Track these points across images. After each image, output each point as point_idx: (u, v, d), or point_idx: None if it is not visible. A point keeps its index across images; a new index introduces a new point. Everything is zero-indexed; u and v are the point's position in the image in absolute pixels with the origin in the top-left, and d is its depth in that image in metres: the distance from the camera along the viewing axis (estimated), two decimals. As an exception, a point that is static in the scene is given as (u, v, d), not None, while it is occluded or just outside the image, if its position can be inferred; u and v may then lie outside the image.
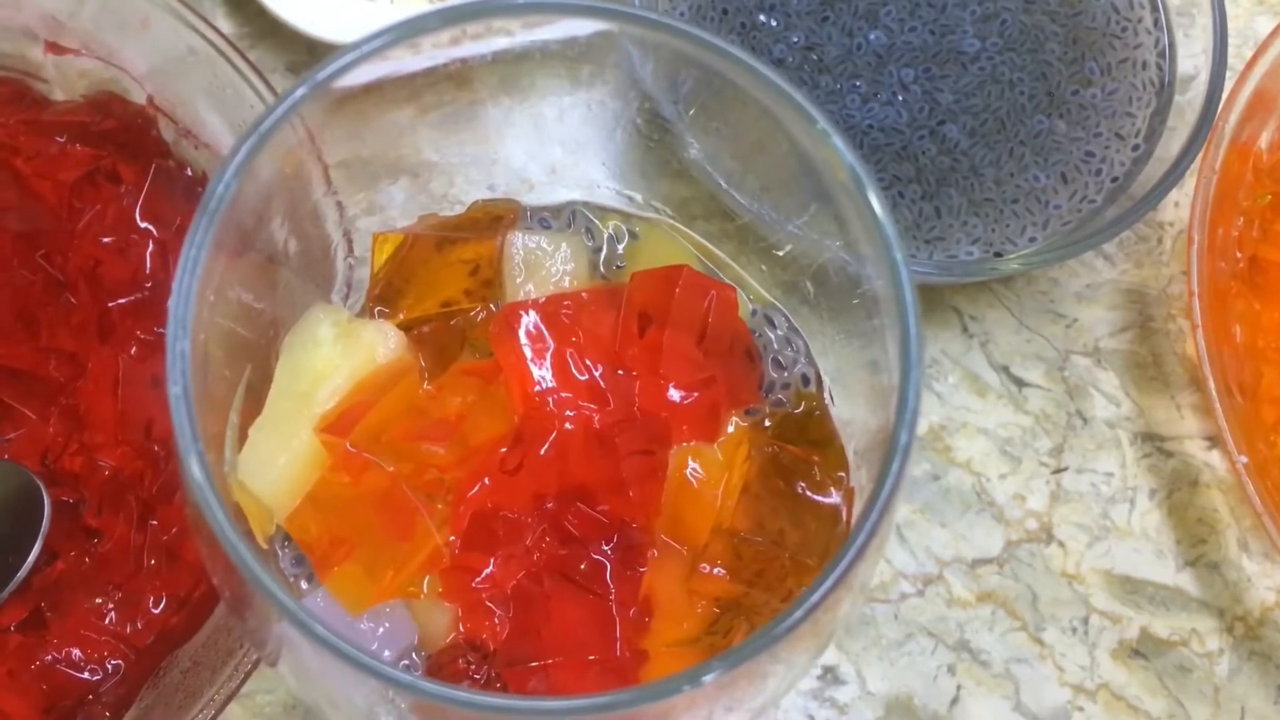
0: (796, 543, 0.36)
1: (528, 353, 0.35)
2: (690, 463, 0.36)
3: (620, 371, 0.36)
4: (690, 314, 0.36)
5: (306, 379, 0.35)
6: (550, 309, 0.36)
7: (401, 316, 0.37)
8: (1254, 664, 0.48)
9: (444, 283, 0.37)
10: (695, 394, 0.36)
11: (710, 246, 0.39)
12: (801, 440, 0.37)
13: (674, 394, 0.36)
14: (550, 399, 0.36)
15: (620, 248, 0.39)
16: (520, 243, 0.37)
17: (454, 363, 0.37)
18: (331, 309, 0.36)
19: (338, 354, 0.35)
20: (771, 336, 0.39)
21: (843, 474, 0.37)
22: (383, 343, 0.36)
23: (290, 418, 0.34)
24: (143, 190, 0.47)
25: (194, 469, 0.28)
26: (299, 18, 0.50)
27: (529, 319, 0.36)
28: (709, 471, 0.36)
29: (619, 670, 0.34)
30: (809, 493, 0.36)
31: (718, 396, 0.36)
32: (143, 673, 0.43)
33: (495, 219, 0.38)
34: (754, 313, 0.39)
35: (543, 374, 0.35)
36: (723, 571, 0.35)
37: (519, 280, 0.37)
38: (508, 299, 0.37)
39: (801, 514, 0.36)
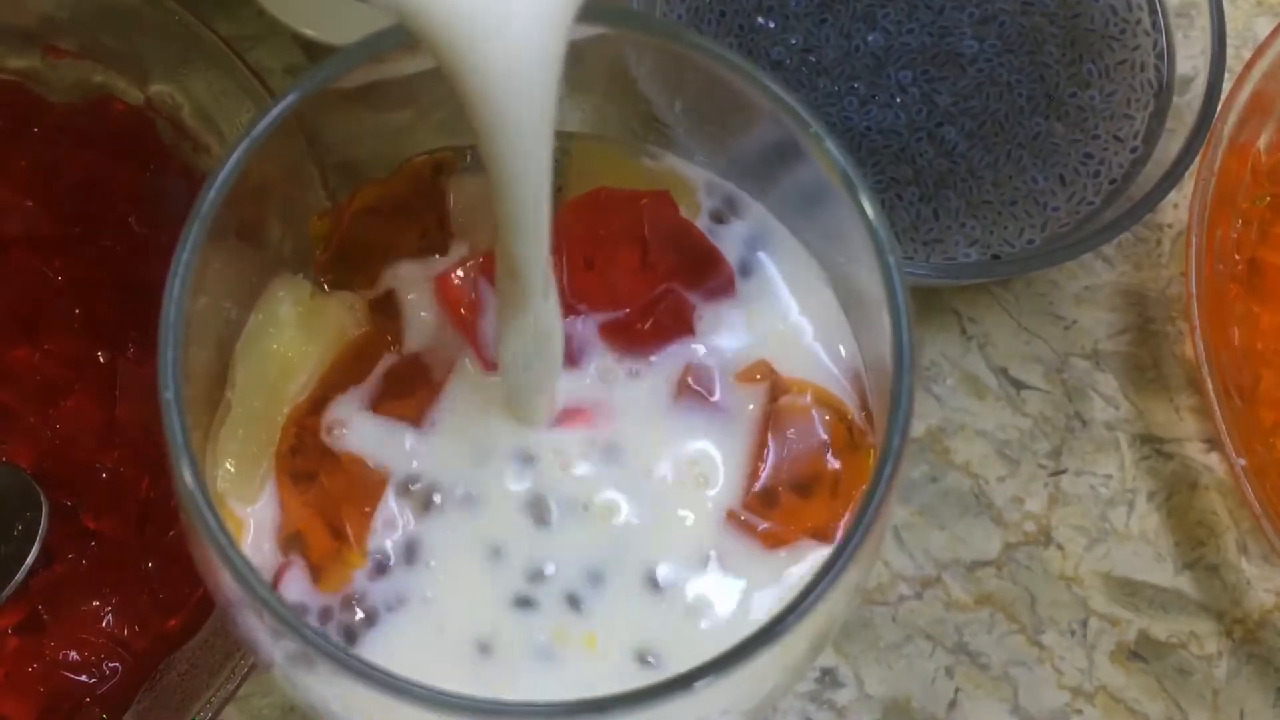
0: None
1: (475, 316, 0.34)
2: None
3: (582, 309, 0.35)
4: (625, 233, 0.35)
5: (274, 370, 0.34)
6: (490, 265, 0.34)
7: (360, 288, 0.36)
8: (1253, 667, 0.48)
9: (397, 243, 0.36)
10: (654, 316, 0.35)
11: (651, 147, 0.38)
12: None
13: (635, 322, 0.35)
14: None
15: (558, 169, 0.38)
16: (462, 187, 0.36)
17: None
18: (293, 284, 0.35)
19: (304, 338, 0.35)
20: (736, 224, 0.37)
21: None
22: (351, 317, 0.35)
23: (261, 417, 0.34)
24: (141, 193, 0.47)
25: (185, 474, 0.28)
26: (297, 20, 0.49)
27: (468, 280, 0.34)
28: None
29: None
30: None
31: (679, 302, 0.35)
32: (140, 675, 0.43)
33: (435, 169, 0.37)
34: (706, 210, 0.37)
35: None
36: None
37: (467, 224, 0.36)
38: (460, 247, 0.36)
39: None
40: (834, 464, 0.35)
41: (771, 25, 0.50)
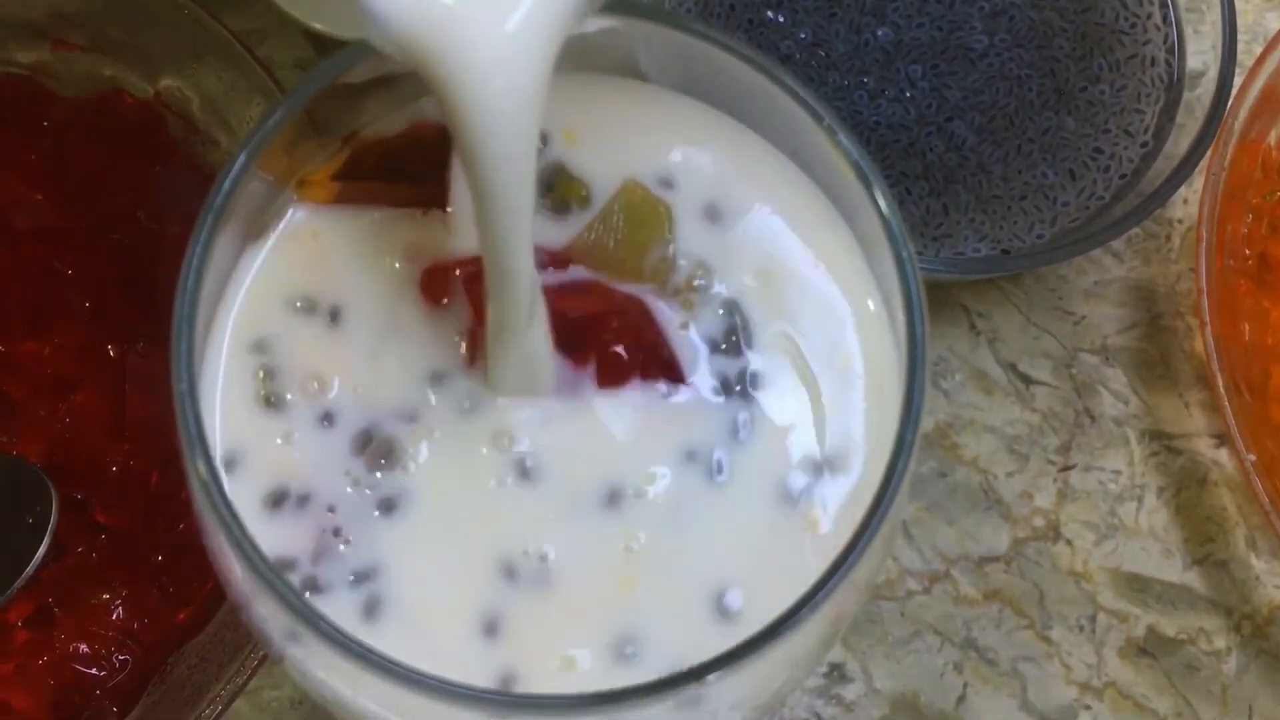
0: None
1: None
2: None
3: None
4: (596, 317, 0.34)
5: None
6: (472, 276, 0.33)
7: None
8: (1261, 662, 0.48)
9: (392, 198, 0.35)
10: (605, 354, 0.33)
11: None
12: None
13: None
14: None
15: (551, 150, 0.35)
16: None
17: None
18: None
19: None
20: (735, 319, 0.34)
21: None
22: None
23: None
24: (150, 187, 0.47)
25: (199, 465, 0.28)
26: (306, 14, 0.49)
27: (452, 281, 0.34)
28: None
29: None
30: None
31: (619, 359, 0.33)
32: (150, 668, 0.43)
33: (440, 133, 0.34)
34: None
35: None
36: None
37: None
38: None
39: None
40: None
41: (781, 19, 0.50)
